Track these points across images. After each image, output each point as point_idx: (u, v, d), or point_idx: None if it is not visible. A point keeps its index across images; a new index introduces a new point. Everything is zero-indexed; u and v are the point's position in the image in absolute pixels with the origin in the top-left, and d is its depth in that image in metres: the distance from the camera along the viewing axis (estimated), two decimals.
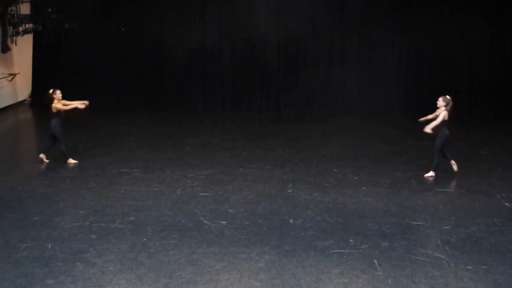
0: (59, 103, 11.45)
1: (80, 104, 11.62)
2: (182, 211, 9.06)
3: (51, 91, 11.51)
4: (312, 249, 7.62)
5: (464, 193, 9.97)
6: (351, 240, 7.90)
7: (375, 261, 7.23)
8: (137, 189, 10.09)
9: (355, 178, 10.81)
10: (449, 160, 10.97)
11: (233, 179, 10.70)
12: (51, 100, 11.42)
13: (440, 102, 10.62)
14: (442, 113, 10.49)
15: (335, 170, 11.32)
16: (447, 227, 8.40)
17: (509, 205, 9.31)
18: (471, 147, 13.19)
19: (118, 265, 7.11)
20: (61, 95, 11.54)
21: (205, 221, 8.60)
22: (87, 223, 8.47)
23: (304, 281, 6.71)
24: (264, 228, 8.36)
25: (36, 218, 8.63)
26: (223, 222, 8.56)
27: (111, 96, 18.08)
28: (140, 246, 7.68)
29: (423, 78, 16.93)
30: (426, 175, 10.87)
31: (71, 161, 11.69)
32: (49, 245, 7.66)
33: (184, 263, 7.17)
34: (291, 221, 8.65)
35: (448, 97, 10.65)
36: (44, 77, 18.24)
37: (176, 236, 8.02)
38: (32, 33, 17.20)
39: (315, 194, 9.86)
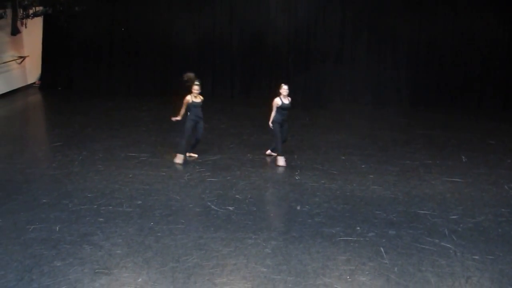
0: (196, 98, 10.77)
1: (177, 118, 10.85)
2: (190, 196, 9.09)
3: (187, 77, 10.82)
4: (319, 236, 7.64)
5: (472, 182, 9.95)
6: (358, 228, 7.91)
7: (382, 249, 7.24)
8: (145, 173, 10.12)
9: (363, 166, 10.80)
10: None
11: (241, 164, 10.71)
12: (189, 91, 10.77)
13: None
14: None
15: (343, 157, 11.31)
16: (455, 216, 8.39)
17: None
18: (480, 137, 13.13)
19: (125, 248, 7.15)
20: (197, 91, 10.78)
21: (212, 206, 8.63)
22: (95, 206, 8.52)
23: (311, 268, 6.74)
24: (271, 214, 8.39)
25: (44, 200, 8.68)
26: (230, 208, 8.58)
27: (120, 80, 18.08)
28: (147, 230, 7.72)
29: (432, 67, 16.82)
30: (279, 163, 10.77)
31: (179, 158, 10.79)
32: (57, 227, 7.71)
33: (191, 248, 7.20)
34: (298, 207, 8.67)
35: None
36: (53, 60, 18.26)
37: (183, 221, 8.05)
38: (42, 16, 17.17)
39: (322, 181, 9.86)
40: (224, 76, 17.80)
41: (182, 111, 10.75)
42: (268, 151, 11.30)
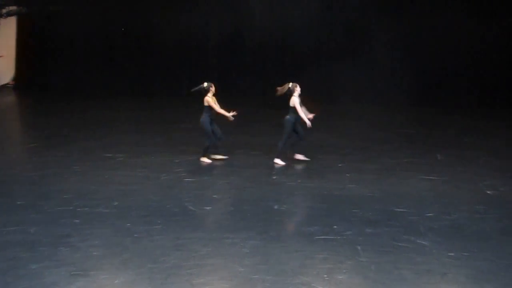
0: (212, 99, 10.86)
1: (228, 114, 10.98)
2: (167, 196, 9.04)
3: (205, 84, 10.81)
4: (297, 235, 7.65)
5: (448, 180, 10.04)
6: (336, 226, 7.93)
7: (359, 247, 7.27)
8: (122, 173, 10.05)
9: (341, 164, 10.85)
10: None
11: (218, 164, 10.69)
12: (206, 92, 10.79)
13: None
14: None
15: (321, 156, 11.34)
16: (431, 214, 8.45)
17: (491, 193, 9.40)
18: (455, 134, 13.27)
19: (102, 250, 7.08)
20: (213, 90, 10.89)
21: (190, 207, 8.59)
22: (71, 207, 8.42)
23: (289, 266, 6.74)
24: (249, 214, 8.37)
25: (19, 202, 8.57)
26: (208, 208, 8.56)
27: (96, 80, 17.94)
28: (124, 231, 7.65)
29: (409, 66, 16.97)
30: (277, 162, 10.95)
31: (206, 160, 10.94)
32: (33, 230, 7.61)
33: (169, 248, 7.15)
34: (276, 207, 8.67)
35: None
36: (28, 60, 18.06)
37: (160, 221, 7.99)
38: (16, 16, 16.98)
39: (299, 180, 9.88)
40: (201, 74, 17.73)
41: (220, 109, 10.78)
42: (299, 156, 11.21)
